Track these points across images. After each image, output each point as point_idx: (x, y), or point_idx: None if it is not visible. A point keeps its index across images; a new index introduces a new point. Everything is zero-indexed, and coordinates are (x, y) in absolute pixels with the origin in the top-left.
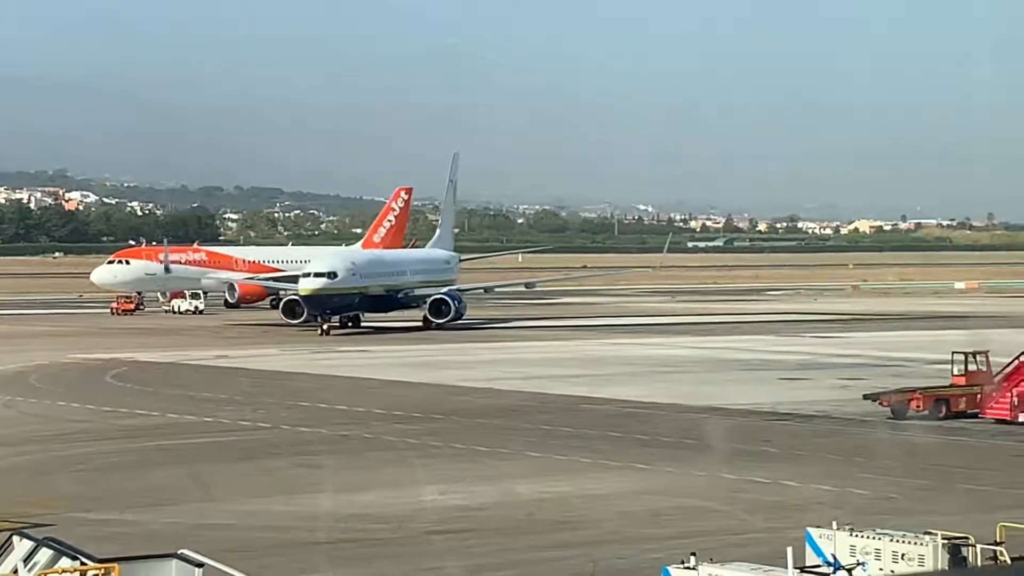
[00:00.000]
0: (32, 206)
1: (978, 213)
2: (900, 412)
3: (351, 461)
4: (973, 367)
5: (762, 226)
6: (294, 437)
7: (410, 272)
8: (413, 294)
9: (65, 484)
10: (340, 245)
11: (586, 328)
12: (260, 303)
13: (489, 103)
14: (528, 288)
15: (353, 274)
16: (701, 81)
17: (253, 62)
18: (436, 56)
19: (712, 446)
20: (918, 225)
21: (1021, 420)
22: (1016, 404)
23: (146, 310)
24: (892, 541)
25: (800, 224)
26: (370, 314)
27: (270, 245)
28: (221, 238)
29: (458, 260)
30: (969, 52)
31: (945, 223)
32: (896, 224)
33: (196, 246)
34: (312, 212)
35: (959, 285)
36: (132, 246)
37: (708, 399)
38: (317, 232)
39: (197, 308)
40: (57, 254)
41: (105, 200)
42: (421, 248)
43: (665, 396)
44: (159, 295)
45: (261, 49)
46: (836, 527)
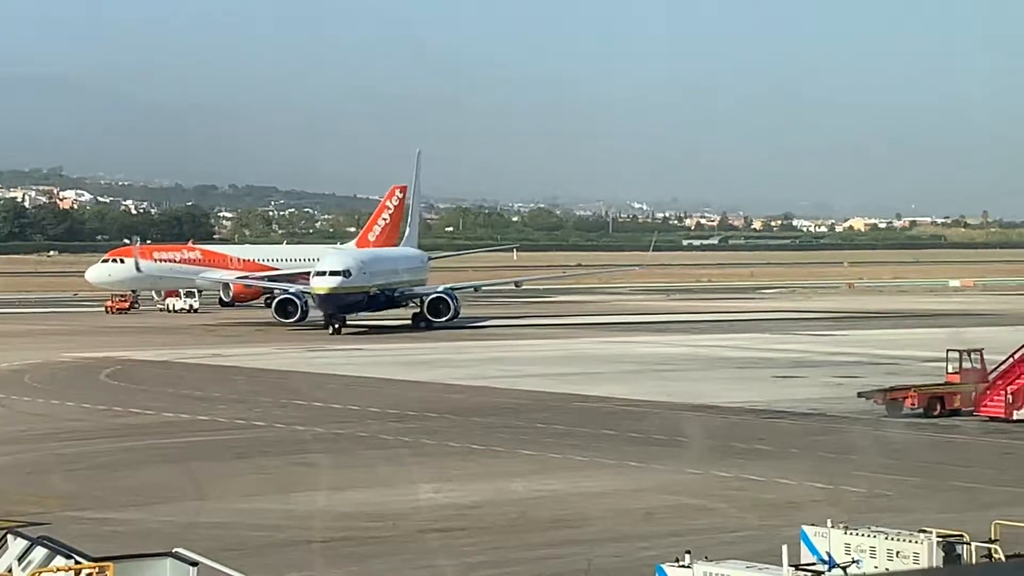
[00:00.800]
0: (26, 204)
1: (973, 211)
2: (894, 410)
3: (345, 460)
4: (967, 365)
5: (757, 224)
6: (289, 436)
7: (400, 271)
8: (409, 292)
9: (59, 483)
10: (335, 244)
11: (580, 326)
12: (255, 302)
13: (483, 101)
14: (517, 287)
15: (363, 272)
16: (696, 79)
17: (248, 61)
18: (430, 55)
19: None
20: (913, 223)
21: (1015, 418)
22: (1010, 402)
23: (141, 309)
24: (887, 539)
25: (795, 222)
26: (363, 313)
27: (265, 244)
28: (216, 236)
29: (428, 259)
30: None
31: (940, 221)
32: (891, 222)
33: (191, 244)
34: (307, 210)
35: (954, 283)
36: (126, 245)
37: (702, 397)
38: (312, 231)
39: (192, 307)
40: (51, 253)
41: (100, 199)
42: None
43: (659, 394)
44: (154, 294)
45: (256, 48)
46: (831, 525)
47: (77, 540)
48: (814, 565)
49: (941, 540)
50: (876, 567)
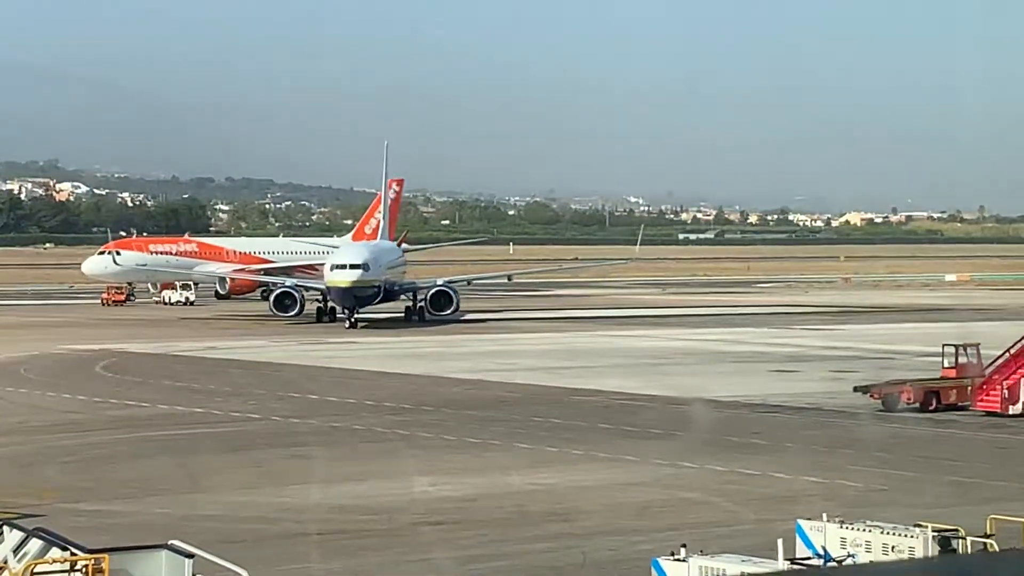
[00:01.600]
0: (23, 197)
1: (969, 206)
2: (891, 404)
3: (341, 452)
4: (964, 360)
5: (753, 218)
6: (284, 428)
7: (395, 264)
8: (409, 286)
9: (55, 474)
10: (331, 236)
11: (577, 320)
12: (251, 294)
13: (481, 96)
14: (509, 281)
15: (378, 265)
16: (692, 74)
17: (245, 54)
18: (426, 49)
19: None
20: (909, 218)
21: (1011, 412)
22: (1006, 397)
23: (136, 301)
24: (882, 533)
25: (791, 216)
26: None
27: (261, 236)
28: (212, 229)
29: (403, 252)
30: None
31: (936, 216)
32: (887, 216)
33: (187, 237)
34: (303, 203)
35: (950, 278)
36: (123, 237)
37: (698, 391)
38: (308, 223)
39: (188, 299)
40: (48, 245)
41: (96, 191)
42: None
43: (655, 388)
44: (149, 286)
45: (253, 41)
46: (826, 519)
47: (72, 532)
48: (810, 559)
49: (937, 535)
50: (871, 561)
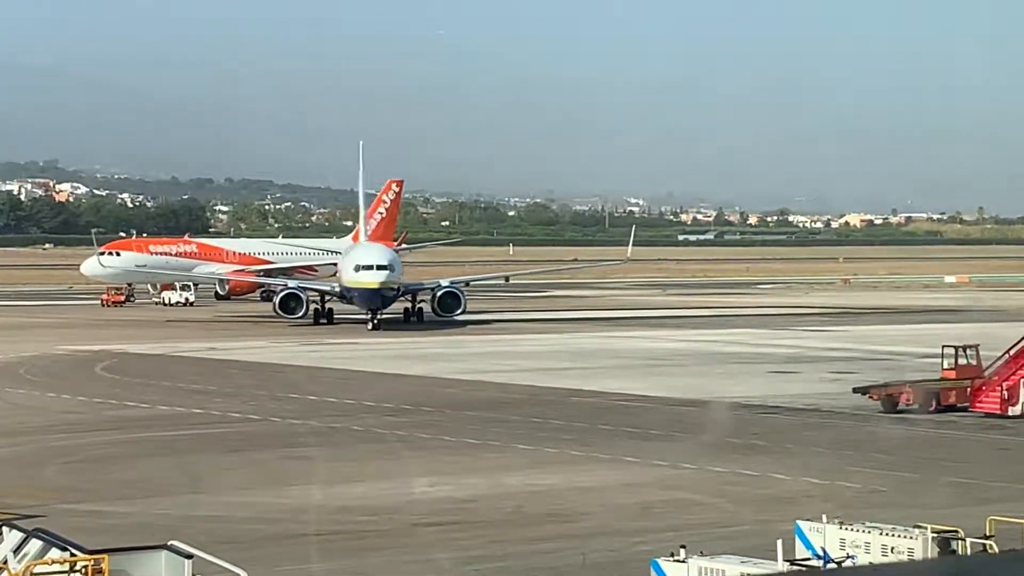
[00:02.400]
0: (22, 197)
1: (969, 207)
2: (890, 406)
3: (341, 453)
4: (963, 361)
5: (752, 219)
6: (284, 429)
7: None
8: (416, 287)
9: (55, 475)
10: (331, 238)
11: (576, 321)
12: (250, 295)
13: (480, 96)
14: (506, 282)
15: (399, 266)
16: (692, 75)
17: (244, 55)
18: (426, 49)
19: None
20: (908, 219)
21: (1011, 414)
22: (1006, 398)
23: (136, 302)
24: (882, 534)
25: (790, 217)
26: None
27: (261, 237)
28: (212, 230)
29: None
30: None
31: (935, 217)
32: (886, 218)
33: (187, 238)
34: (303, 204)
35: (949, 279)
36: (122, 238)
37: (698, 392)
38: (308, 224)
39: (187, 300)
40: (47, 245)
41: (96, 192)
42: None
43: (655, 389)
44: (149, 287)
45: (253, 41)
46: (826, 520)
47: (72, 532)
48: (809, 560)
49: (936, 536)
50: (871, 563)
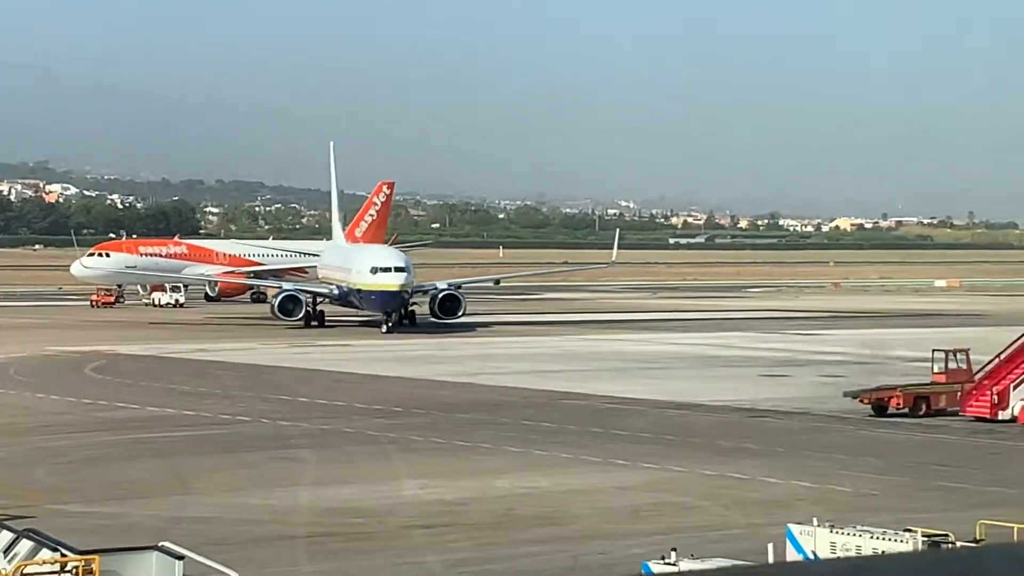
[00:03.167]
0: (12, 198)
1: (959, 211)
2: (880, 409)
3: (331, 455)
4: (953, 365)
5: (743, 223)
6: (274, 431)
7: None
8: (418, 289)
9: (45, 476)
10: (321, 240)
11: (567, 324)
12: (240, 297)
13: (471, 98)
14: (496, 284)
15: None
16: (684, 79)
17: (235, 56)
18: (417, 50)
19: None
20: (899, 223)
21: (1001, 418)
22: (996, 402)
23: (126, 303)
24: (872, 538)
25: (781, 221)
26: (341, 309)
27: (251, 239)
28: (202, 232)
29: None
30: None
31: (926, 221)
32: (877, 222)
33: (177, 239)
34: (293, 206)
35: (939, 283)
36: (112, 239)
37: (688, 395)
38: (298, 226)
39: (177, 301)
40: (37, 246)
41: (86, 193)
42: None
43: (646, 392)
44: (139, 288)
45: (243, 42)
46: (817, 524)
47: (62, 533)
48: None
49: (927, 539)
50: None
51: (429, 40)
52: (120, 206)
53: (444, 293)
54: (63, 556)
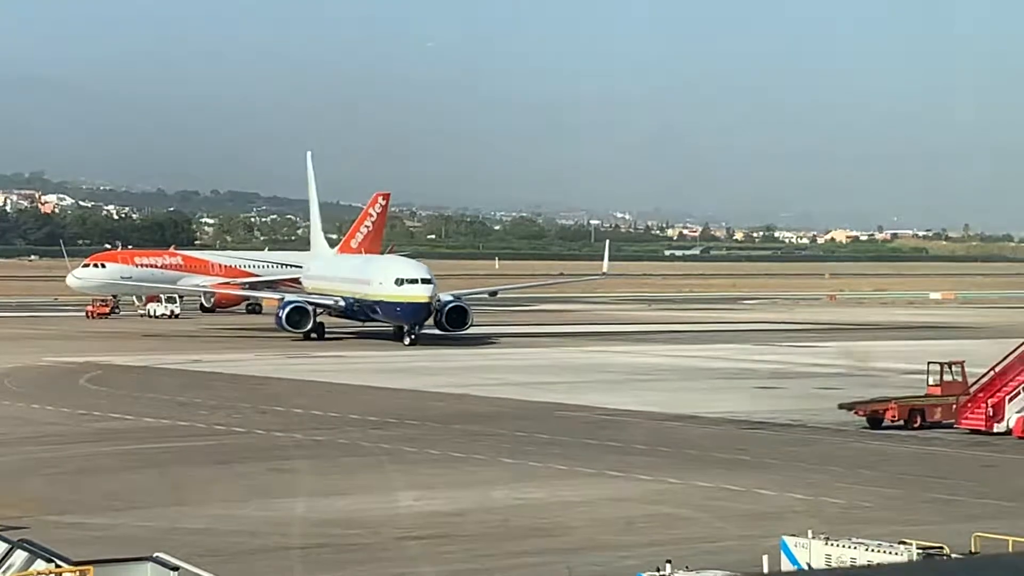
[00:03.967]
0: (8, 209)
1: (954, 224)
2: (875, 422)
3: (326, 466)
4: (948, 377)
5: (739, 235)
6: (268, 442)
7: None
8: None
9: (40, 486)
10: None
11: (562, 335)
12: (235, 308)
13: (466, 110)
14: (492, 296)
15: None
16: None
17: (231, 66)
18: (412, 61)
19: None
20: (894, 235)
21: (996, 430)
22: (991, 415)
23: (121, 314)
24: (867, 550)
25: (776, 233)
26: (343, 320)
27: (247, 250)
28: (197, 242)
29: None
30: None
31: (921, 234)
32: (872, 234)
33: (172, 250)
34: (289, 217)
35: (935, 295)
36: (107, 249)
37: (683, 407)
38: (294, 237)
39: (173, 312)
40: (32, 257)
41: (81, 203)
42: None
43: (640, 404)
44: (135, 299)
45: (239, 53)
46: (811, 536)
47: (57, 544)
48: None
49: (921, 552)
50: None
51: (424, 52)
52: (116, 217)
53: (451, 305)
54: (58, 567)
